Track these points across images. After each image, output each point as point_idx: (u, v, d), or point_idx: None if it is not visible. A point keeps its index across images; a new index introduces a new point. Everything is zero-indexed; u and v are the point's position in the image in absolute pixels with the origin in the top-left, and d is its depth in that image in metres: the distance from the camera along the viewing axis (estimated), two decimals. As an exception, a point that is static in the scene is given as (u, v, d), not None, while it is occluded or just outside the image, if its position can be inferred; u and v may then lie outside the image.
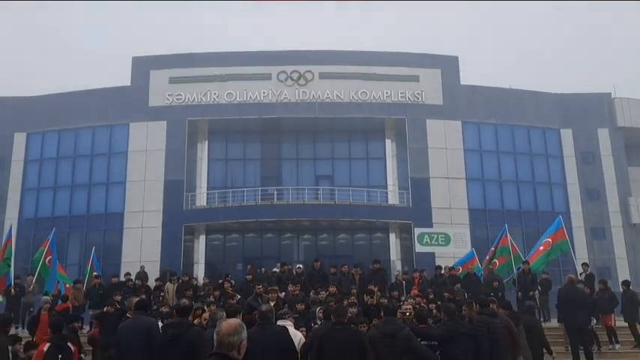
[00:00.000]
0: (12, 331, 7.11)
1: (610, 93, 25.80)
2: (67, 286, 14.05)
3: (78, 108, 23.89)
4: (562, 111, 24.92)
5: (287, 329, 5.81)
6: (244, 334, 2.85)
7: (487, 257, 15.70)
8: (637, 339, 11.70)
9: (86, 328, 10.99)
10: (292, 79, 23.76)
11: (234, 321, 2.93)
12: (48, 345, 6.32)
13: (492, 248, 15.78)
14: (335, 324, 5.66)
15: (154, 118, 23.36)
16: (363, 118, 23.89)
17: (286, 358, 5.38)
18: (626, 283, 12.46)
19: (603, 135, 25.01)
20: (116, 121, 23.74)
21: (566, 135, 24.89)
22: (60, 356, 6.15)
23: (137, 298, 7.22)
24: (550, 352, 8.48)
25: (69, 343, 6.46)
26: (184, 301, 6.21)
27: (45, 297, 11.45)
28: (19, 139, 24.25)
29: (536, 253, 14.49)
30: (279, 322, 6.41)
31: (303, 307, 9.18)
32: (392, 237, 24.74)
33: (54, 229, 15.69)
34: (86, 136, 24.10)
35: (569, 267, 20.03)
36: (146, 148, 23.19)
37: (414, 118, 23.72)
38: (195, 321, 6.72)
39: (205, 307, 8.56)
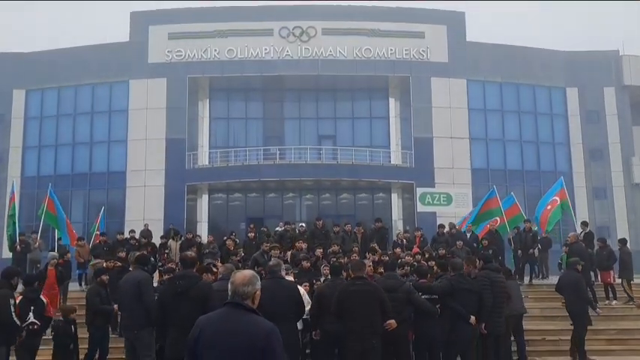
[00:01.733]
0: (19, 287, 7.26)
1: (618, 50, 25.29)
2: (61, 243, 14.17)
3: (77, 64, 23.51)
4: (568, 69, 24.47)
5: (296, 284, 6.01)
6: (258, 284, 2.90)
7: (468, 216, 15.51)
8: (629, 295, 12.00)
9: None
10: (294, 35, 23.29)
11: (249, 272, 2.96)
12: (20, 298, 6.51)
13: (477, 210, 15.44)
14: (355, 279, 5.78)
15: (153, 75, 23.05)
16: (367, 76, 23.54)
17: (294, 310, 5.67)
18: (622, 241, 12.59)
19: (609, 94, 24.66)
20: (116, 78, 23.44)
21: (572, 94, 24.57)
22: (32, 308, 6.25)
23: (139, 254, 7.31)
24: (594, 308, 8.83)
25: (41, 296, 6.65)
26: (190, 253, 6.29)
27: (52, 253, 11.61)
28: (18, 96, 24.03)
29: (544, 213, 14.44)
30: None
31: (309, 264, 9.32)
32: (394, 197, 24.83)
33: (50, 184, 15.72)
34: (86, 94, 23.88)
35: (569, 226, 20.15)
36: (147, 106, 22.98)
37: (419, 76, 23.37)
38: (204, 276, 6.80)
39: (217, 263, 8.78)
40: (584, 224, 14.17)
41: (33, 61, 23.98)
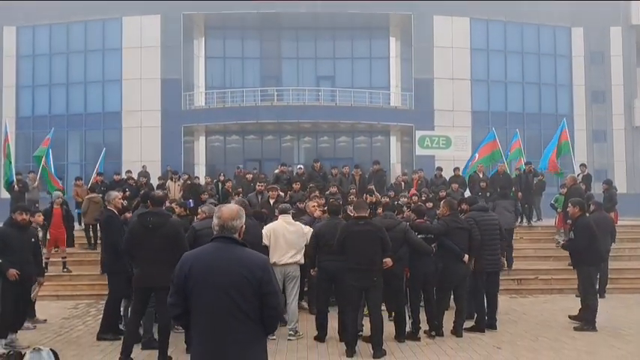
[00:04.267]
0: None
1: (628, -12, 24.39)
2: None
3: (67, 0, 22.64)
4: (575, 8, 23.68)
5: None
6: (244, 218, 2.86)
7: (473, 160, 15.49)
8: None
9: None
10: (292, -30, 22.33)
11: (235, 206, 2.93)
12: None
13: (476, 152, 15.51)
14: (358, 219, 5.84)
15: (147, 11, 22.30)
16: (367, 13, 22.80)
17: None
18: (607, 182, 12.61)
19: (615, 34, 24.03)
20: (108, 14, 22.66)
21: (577, 34, 23.95)
22: None
23: (116, 193, 7.27)
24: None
25: None
26: (158, 192, 6.69)
27: (56, 192, 11.60)
28: (9, 33, 23.36)
29: (551, 159, 14.38)
30: (282, 217, 6.67)
31: (304, 205, 9.40)
32: (393, 140, 24.70)
33: (52, 128, 15.56)
34: (78, 31, 23.20)
35: (568, 169, 20.18)
36: (140, 45, 22.38)
37: (421, 13, 22.63)
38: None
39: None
40: (583, 166, 14.17)
41: (21, -4, 23.11)
